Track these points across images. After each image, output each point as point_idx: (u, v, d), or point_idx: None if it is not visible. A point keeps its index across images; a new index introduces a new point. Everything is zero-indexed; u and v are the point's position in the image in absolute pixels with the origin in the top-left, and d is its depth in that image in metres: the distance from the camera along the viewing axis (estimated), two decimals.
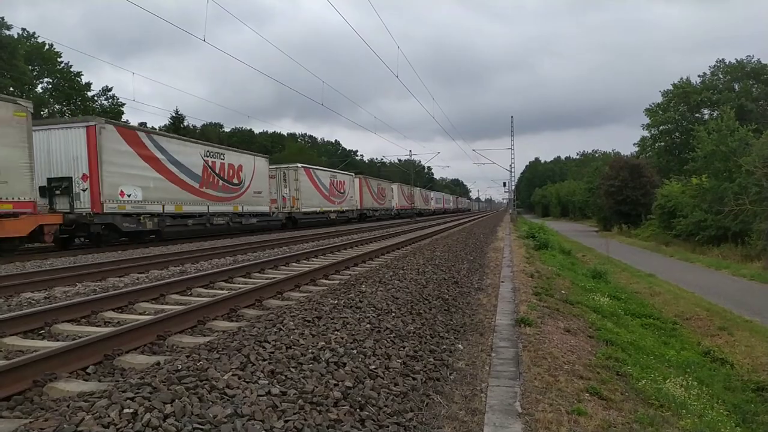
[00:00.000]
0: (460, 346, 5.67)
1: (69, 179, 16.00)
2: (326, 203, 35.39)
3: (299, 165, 32.53)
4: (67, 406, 2.92)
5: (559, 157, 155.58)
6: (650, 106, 56.01)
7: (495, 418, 3.80)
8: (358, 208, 42.62)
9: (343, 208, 38.72)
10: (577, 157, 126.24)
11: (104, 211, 16.28)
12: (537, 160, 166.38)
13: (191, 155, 21.09)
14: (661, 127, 54.87)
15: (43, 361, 3.60)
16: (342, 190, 39.16)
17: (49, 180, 15.97)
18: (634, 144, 65.77)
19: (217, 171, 22.87)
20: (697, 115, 52.00)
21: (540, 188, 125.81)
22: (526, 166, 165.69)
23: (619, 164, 49.01)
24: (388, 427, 3.40)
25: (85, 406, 2.87)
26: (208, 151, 22.62)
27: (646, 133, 57.56)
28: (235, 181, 24.33)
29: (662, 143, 55.89)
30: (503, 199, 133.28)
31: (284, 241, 18.30)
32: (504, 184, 67.12)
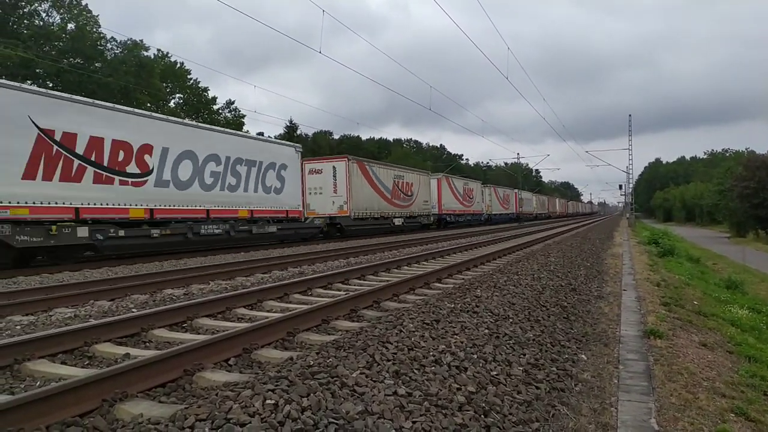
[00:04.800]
0: (583, 356, 5.43)
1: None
2: (501, 208, 55.97)
3: (490, 185, 54.34)
4: (216, 395, 3.19)
5: (683, 157, 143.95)
6: None
7: None
8: (516, 211, 61.33)
9: (504, 211, 57.64)
10: (705, 156, 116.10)
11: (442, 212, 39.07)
12: (658, 160, 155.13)
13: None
14: None
15: (191, 352, 3.96)
16: (508, 200, 59.82)
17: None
18: None
19: (460, 192, 43.84)
20: None
21: (661, 191, 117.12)
22: (646, 168, 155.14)
23: (756, 164, 44.30)
24: None
25: (231, 395, 3.11)
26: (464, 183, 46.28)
27: None
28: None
29: None
30: (618, 202, 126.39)
31: (393, 245, 18.61)
32: (620, 186, 63.16)
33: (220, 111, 52.34)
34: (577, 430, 3.65)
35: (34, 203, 12.34)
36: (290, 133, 57.08)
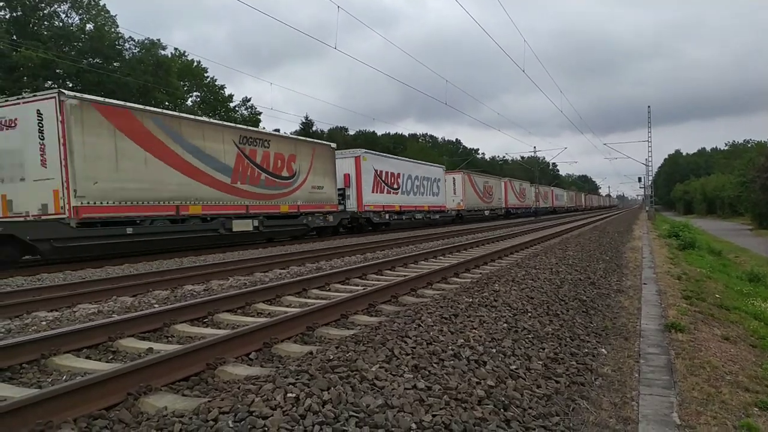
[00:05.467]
0: (603, 350, 5.40)
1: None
2: (543, 202, 65.73)
3: (536, 185, 64.77)
4: (238, 388, 3.23)
5: (704, 148, 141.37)
6: None
7: (650, 428, 3.57)
8: (552, 205, 71.70)
9: (545, 205, 68.08)
10: (726, 147, 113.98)
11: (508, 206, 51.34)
12: (678, 152, 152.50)
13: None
14: None
15: (213, 347, 4.01)
16: (547, 196, 70.39)
17: None
18: None
19: (518, 190, 55.70)
20: None
21: (681, 183, 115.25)
22: (665, 160, 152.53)
23: None
24: (534, 430, 3.33)
25: (253, 388, 3.16)
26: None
27: None
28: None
29: None
30: (637, 195, 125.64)
31: (411, 240, 18.62)
32: (639, 179, 62.41)
33: (237, 108, 52.69)
34: (598, 424, 3.64)
35: (373, 203, 26.58)
36: (306, 130, 57.26)
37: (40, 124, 12.29)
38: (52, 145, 12.23)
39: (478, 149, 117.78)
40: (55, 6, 38.18)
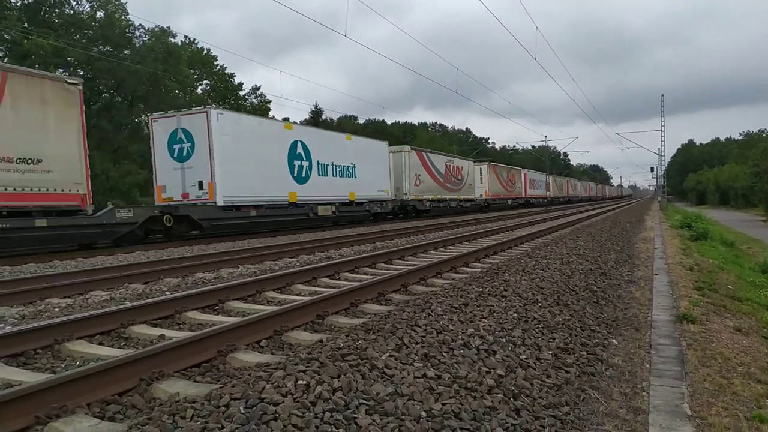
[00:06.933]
0: (614, 341, 5.37)
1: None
2: (584, 193, 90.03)
3: (582, 180, 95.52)
4: (249, 375, 3.25)
5: (717, 138, 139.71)
6: None
7: (660, 418, 3.55)
8: (588, 195, 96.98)
9: (585, 195, 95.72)
10: (740, 137, 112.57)
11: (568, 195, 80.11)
12: (691, 142, 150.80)
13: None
14: None
15: (224, 334, 4.04)
16: (586, 188, 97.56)
17: None
18: None
19: (572, 186, 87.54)
20: None
21: (694, 173, 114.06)
22: (678, 149, 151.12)
23: None
24: (544, 419, 3.33)
25: (264, 375, 3.18)
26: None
27: None
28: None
29: None
30: (649, 185, 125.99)
31: (420, 230, 18.61)
32: (651, 169, 62.02)
33: (246, 97, 52.63)
34: (608, 414, 3.62)
35: (528, 194, 56.51)
36: (315, 118, 57.17)
37: (481, 171, 41.95)
38: (484, 177, 41.89)
39: (488, 138, 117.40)
40: None
